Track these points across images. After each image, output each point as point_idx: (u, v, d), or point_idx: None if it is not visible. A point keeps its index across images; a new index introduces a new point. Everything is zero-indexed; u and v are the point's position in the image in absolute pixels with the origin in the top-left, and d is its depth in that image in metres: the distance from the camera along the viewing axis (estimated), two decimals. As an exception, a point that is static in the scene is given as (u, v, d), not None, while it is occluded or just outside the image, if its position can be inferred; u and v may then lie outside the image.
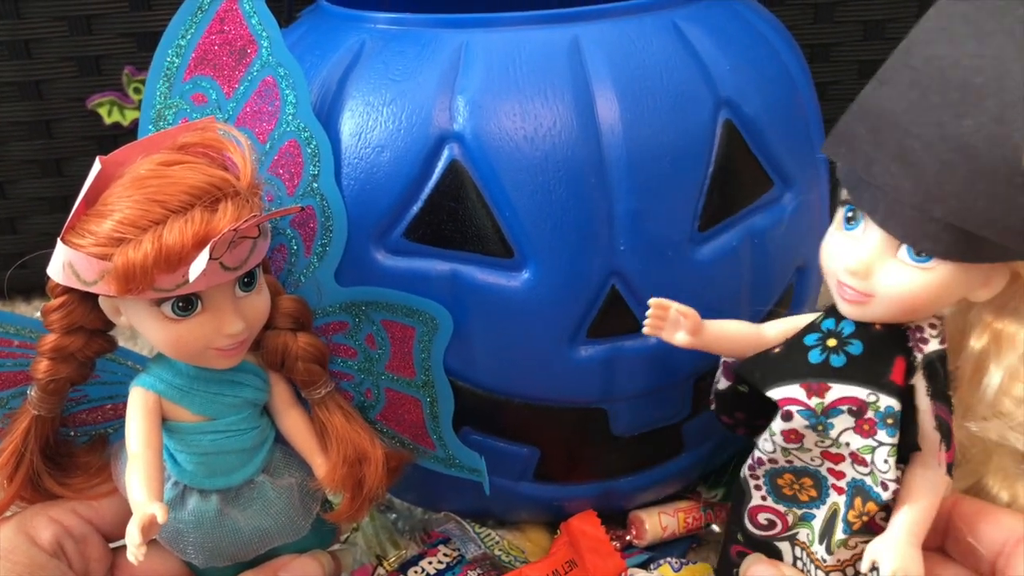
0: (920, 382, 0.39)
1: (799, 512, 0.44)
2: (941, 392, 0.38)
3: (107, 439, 0.45)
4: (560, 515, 0.54)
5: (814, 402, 0.39)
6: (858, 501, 0.40)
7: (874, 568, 0.38)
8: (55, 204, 0.83)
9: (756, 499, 0.44)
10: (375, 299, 0.45)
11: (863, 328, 0.39)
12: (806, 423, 0.39)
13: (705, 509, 0.56)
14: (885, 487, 0.39)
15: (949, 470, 0.37)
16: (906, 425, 0.38)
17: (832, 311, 0.41)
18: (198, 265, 0.34)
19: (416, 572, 0.53)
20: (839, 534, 0.41)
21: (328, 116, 0.45)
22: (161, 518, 0.36)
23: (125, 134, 0.81)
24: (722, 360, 0.45)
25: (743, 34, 0.49)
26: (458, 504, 0.54)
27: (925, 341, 0.38)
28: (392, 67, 0.45)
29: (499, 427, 0.49)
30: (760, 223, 0.48)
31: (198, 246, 0.35)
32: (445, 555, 0.54)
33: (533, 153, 0.43)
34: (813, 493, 0.43)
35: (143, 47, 0.78)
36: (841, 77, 0.85)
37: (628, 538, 0.55)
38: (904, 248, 0.36)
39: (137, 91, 0.79)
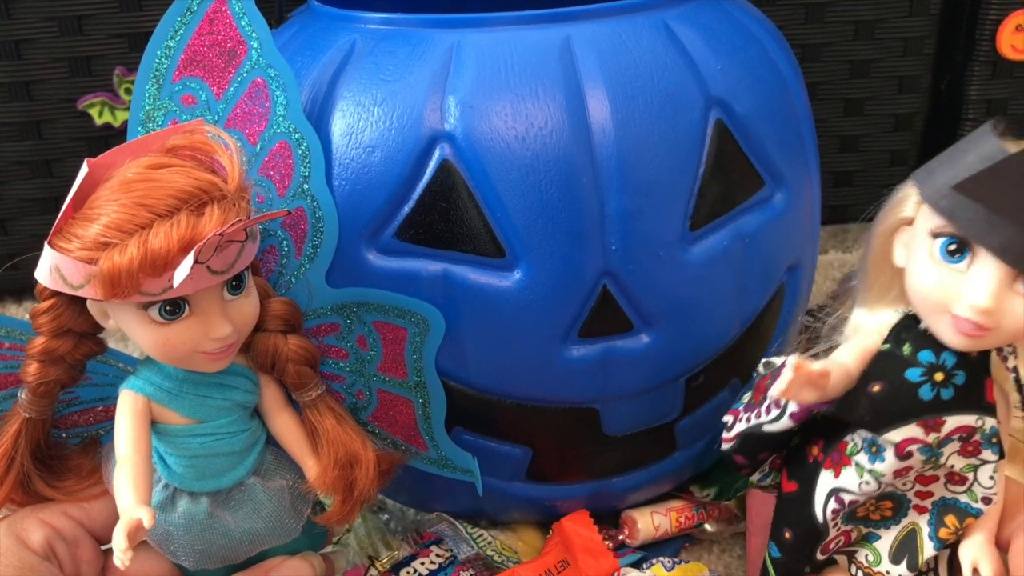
0: (1001, 393, 0.40)
1: (864, 531, 0.43)
2: None
3: (99, 441, 0.45)
4: (553, 515, 0.54)
5: (931, 437, 0.39)
6: (950, 519, 0.41)
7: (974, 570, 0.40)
8: (46, 205, 0.83)
9: (832, 533, 0.43)
10: (366, 300, 0.44)
11: (964, 358, 0.39)
12: (923, 458, 0.39)
13: (698, 508, 0.56)
14: (987, 501, 0.40)
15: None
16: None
17: (922, 342, 0.39)
18: (183, 270, 0.34)
19: (408, 573, 0.53)
20: (929, 551, 0.41)
21: (319, 116, 0.45)
22: (148, 523, 0.36)
23: (116, 135, 0.80)
24: (792, 405, 0.42)
25: (734, 34, 0.49)
26: (450, 505, 0.54)
27: (1006, 359, 0.39)
28: (383, 67, 0.45)
29: (491, 427, 0.49)
30: (751, 222, 0.48)
31: (184, 250, 0.35)
32: (437, 556, 0.54)
33: (524, 153, 0.43)
34: (888, 513, 0.43)
35: (134, 48, 0.78)
36: (832, 77, 0.86)
37: (621, 538, 0.55)
38: (1021, 280, 0.36)
39: (128, 92, 0.79)
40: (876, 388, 0.40)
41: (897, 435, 0.39)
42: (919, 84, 0.88)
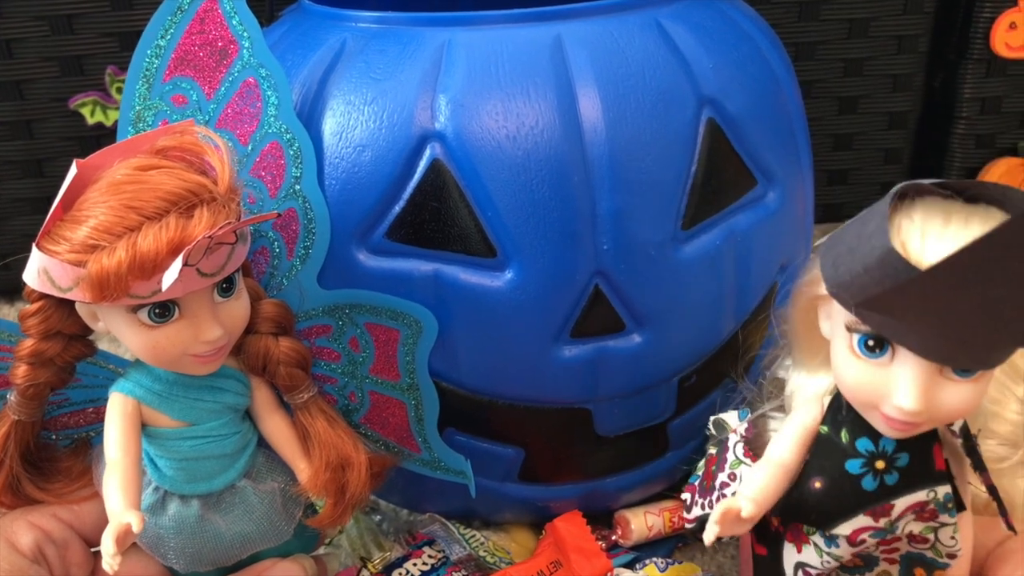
0: (951, 449, 0.38)
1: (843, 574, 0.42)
2: (979, 460, 0.37)
3: (89, 443, 0.45)
4: (545, 515, 0.53)
5: (882, 523, 0.38)
6: (919, 572, 0.39)
7: None
8: (37, 205, 0.83)
9: None
10: (358, 302, 0.44)
11: (902, 440, 0.37)
12: (876, 540, 0.38)
13: (691, 508, 0.56)
14: (952, 556, 0.38)
15: (1011, 526, 0.37)
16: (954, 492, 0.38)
17: (859, 428, 0.38)
18: (171, 273, 0.34)
19: (401, 574, 0.53)
20: None
21: (309, 115, 0.45)
22: (136, 527, 0.36)
23: (108, 134, 0.80)
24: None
25: (727, 32, 0.49)
26: (443, 505, 0.54)
27: (951, 424, 0.38)
28: (374, 66, 0.45)
29: (483, 428, 0.49)
30: (744, 221, 0.48)
31: (173, 253, 0.35)
32: (430, 556, 0.54)
33: (515, 152, 0.43)
34: (860, 563, 0.41)
35: (125, 47, 0.77)
36: (826, 75, 0.86)
37: (614, 538, 0.55)
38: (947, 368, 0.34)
39: (120, 91, 0.79)
40: (818, 484, 0.38)
41: (846, 528, 0.38)
42: (913, 82, 0.88)
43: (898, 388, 0.34)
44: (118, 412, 0.40)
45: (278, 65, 0.44)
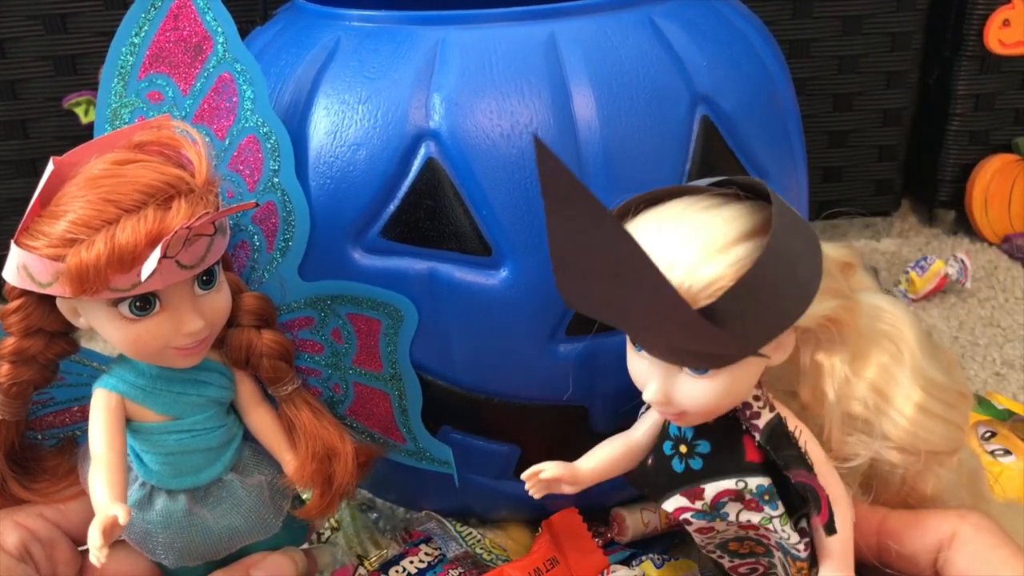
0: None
1: (764, 560, 0.43)
2: (792, 458, 0.38)
3: (75, 441, 0.45)
4: (542, 513, 0.53)
5: (699, 504, 0.40)
6: (789, 559, 0.40)
7: None
8: (32, 205, 0.83)
9: (727, 564, 0.44)
10: (340, 293, 0.44)
11: (701, 428, 0.40)
12: (704, 522, 0.40)
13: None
14: (798, 548, 0.39)
15: (830, 528, 0.38)
16: (789, 489, 0.38)
17: None
18: (150, 264, 0.34)
19: (397, 571, 0.53)
20: None
21: (303, 114, 0.45)
22: (123, 519, 0.36)
23: (102, 134, 0.80)
24: None
25: (720, 30, 0.49)
26: (439, 503, 0.54)
27: (756, 415, 0.39)
28: (368, 64, 0.45)
29: (479, 426, 0.49)
30: (738, 219, 0.48)
31: (151, 244, 0.35)
32: (426, 554, 0.54)
33: (510, 150, 0.43)
34: (761, 549, 0.43)
35: (119, 46, 0.77)
36: (820, 72, 0.86)
37: (610, 535, 0.55)
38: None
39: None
40: (649, 461, 0.42)
41: (669, 505, 0.40)
42: (907, 79, 0.89)
43: (648, 387, 0.38)
44: (102, 408, 0.40)
45: (253, 60, 0.44)
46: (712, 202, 0.37)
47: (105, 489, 0.37)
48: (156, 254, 0.34)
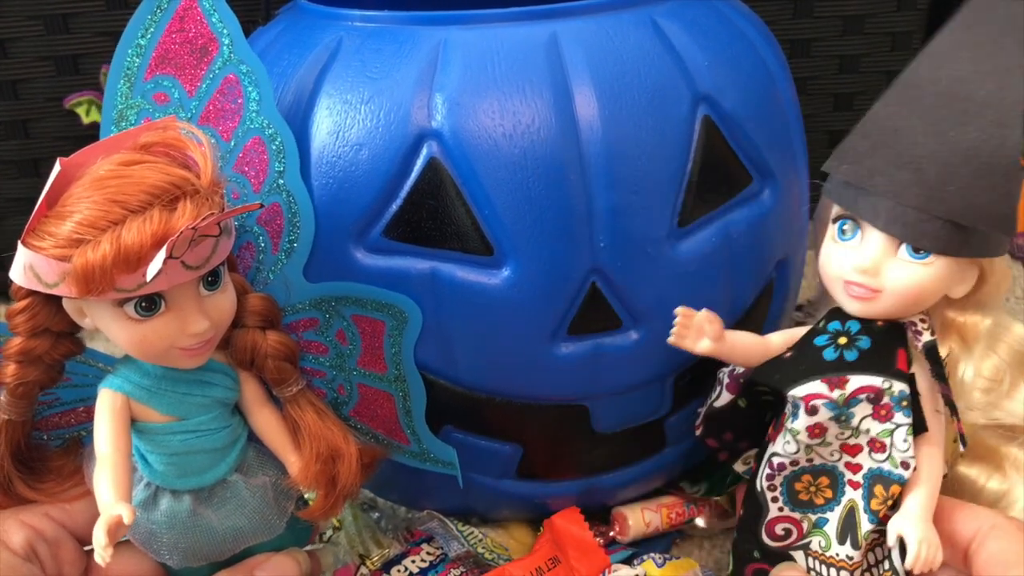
0: (922, 368, 0.43)
1: (813, 518, 0.45)
2: (942, 374, 0.42)
3: (80, 442, 0.45)
4: (543, 512, 0.54)
5: (836, 394, 0.42)
6: (879, 489, 0.43)
7: (899, 541, 0.41)
8: (32, 205, 0.82)
9: (773, 511, 0.45)
10: (344, 294, 0.44)
11: (868, 325, 0.43)
12: (831, 415, 0.42)
13: (688, 504, 0.56)
14: (906, 466, 0.42)
15: (963, 440, 0.42)
16: (914, 408, 0.42)
17: (834, 315, 0.45)
18: (155, 264, 0.34)
19: (399, 571, 0.53)
20: (865, 525, 0.43)
21: (305, 114, 0.45)
22: (127, 519, 0.36)
23: (103, 134, 0.80)
24: (725, 377, 0.48)
25: (722, 30, 0.49)
26: (441, 502, 0.54)
27: (920, 333, 0.42)
28: (370, 65, 0.45)
29: (481, 425, 0.49)
30: (740, 218, 0.48)
31: (157, 245, 0.35)
32: (428, 554, 0.54)
33: (512, 150, 0.43)
34: (829, 494, 0.44)
35: (121, 46, 0.77)
36: (820, 72, 0.86)
37: (611, 534, 0.55)
38: (904, 248, 0.41)
39: (115, 90, 0.79)
40: (788, 354, 0.45)
41: (802, 391, 0.43)
42: (907, 79, 0.88)
43: (859, 254, 0.42)
44: (107, 408, 0.40)
45: (258, 61, 0.44)
46: None
47: (110, 489, 0.38)
48: (161, 255, 0.34)
